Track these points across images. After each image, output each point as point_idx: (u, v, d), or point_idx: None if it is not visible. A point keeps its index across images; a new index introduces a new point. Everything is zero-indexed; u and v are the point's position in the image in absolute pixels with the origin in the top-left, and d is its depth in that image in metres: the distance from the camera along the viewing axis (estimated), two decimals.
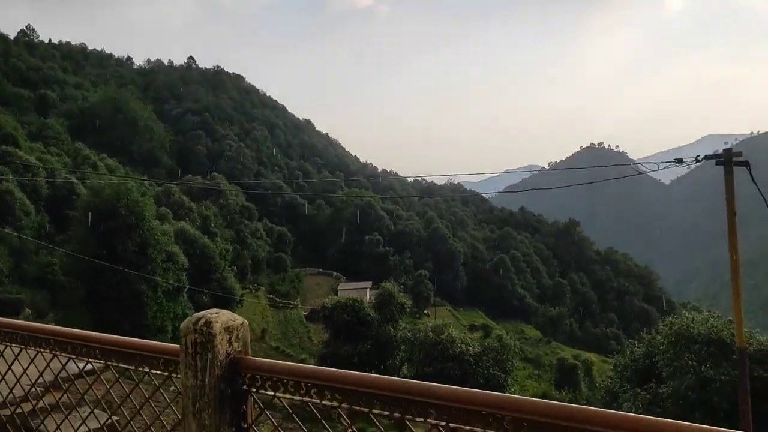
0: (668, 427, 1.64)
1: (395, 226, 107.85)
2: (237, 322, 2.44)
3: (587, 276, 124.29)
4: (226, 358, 2.35)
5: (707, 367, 18.38)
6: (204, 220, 65.10)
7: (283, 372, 2.26)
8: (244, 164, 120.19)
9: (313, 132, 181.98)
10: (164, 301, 41.86)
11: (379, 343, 28.90)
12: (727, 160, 10.62)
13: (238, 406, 2.37)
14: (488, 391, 6.97)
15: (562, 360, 57.58)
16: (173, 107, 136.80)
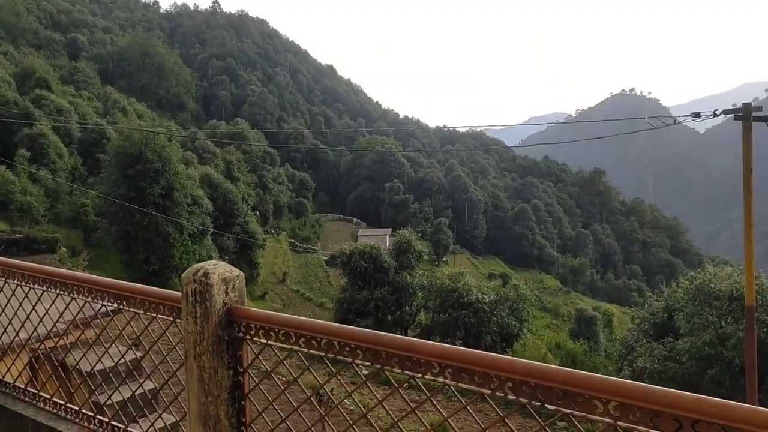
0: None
1: (416, 173, 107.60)
2: (233, 274, 2.61)
3: (611, 227, 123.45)
4: (223, 306, 2.53)
5: (727, 323, 18.39)
6: (227, 165, 65.59)
7: (275, 322, 2.43)
8: (266, 110, 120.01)
9: (335, 78, 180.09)
10: (190, 243, 42.89)
11: (396, 289, 29.35)
12: (746, 115, 10.42)
13: (235, 351, 2.56)
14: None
15: (581, 311, 57.88)
16: (198, 52, 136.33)
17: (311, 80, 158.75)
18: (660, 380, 19.43)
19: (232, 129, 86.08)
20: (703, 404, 1.55)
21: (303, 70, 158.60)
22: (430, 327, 30.07)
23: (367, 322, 29.04)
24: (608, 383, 1.85)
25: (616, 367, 25.26)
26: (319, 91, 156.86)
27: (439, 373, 2.06)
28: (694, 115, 11.33)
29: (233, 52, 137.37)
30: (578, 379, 1.88)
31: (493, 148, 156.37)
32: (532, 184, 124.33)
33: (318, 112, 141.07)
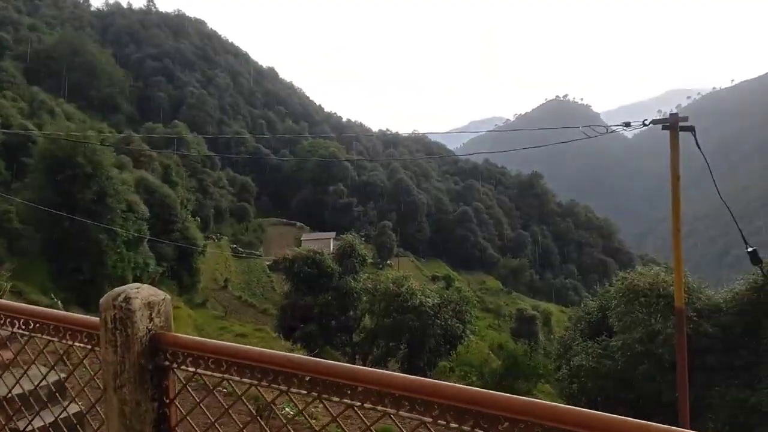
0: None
1: (359, 177, 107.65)
2: (158, 298, 2.42)
3: (548, 228, 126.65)
4: (147, 333, 2.34)
5: (656, 320, 19.08)
6: (165, 169, 63.87)
7: (205, 349, 2.26)
8: (206, 112, 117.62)
9: (276, 80, 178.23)
10: (125, 250, 41.40)
11: (340, 294, 29.17)
12: (672, 125, 10.82)
13: (160, 381, 2.37)
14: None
15: (521, 311, 59.13)
16: (133, 52, 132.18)
17: (252, 82, 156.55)
18: (596, 377, 19.99)
19: (169, 132, 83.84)
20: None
21: (244, 72, 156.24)
22: (374, 331, 30.00)
23: (310, 327, 28.76)
24: (556, 411, 1.78)
25: (555, 366, 25.88)
26: (261, 93, 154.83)
27: (379, 401, 1.95)
28: (625, 124, 11.71)
29: (170, 53, 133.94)
30: (520, 405, 1.81)
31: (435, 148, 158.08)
32: (473, 187, 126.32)
33: (260, 114, 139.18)
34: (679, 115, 11.15)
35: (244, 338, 39.82)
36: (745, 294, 19.03)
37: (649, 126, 12.16)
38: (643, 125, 11.79)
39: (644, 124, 11.75)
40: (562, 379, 22.86)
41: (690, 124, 10.97)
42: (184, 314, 42.79)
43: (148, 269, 44.46)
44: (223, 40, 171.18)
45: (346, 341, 30.67)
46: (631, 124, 11.64)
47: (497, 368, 28.19)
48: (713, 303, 19.65)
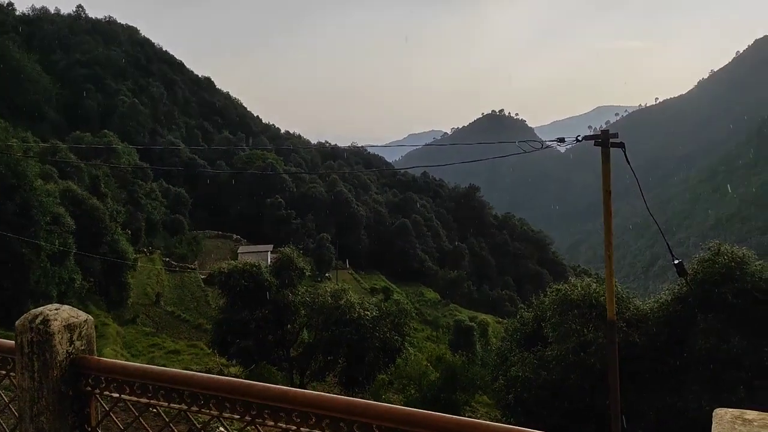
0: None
1: (298, 189, 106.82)
2: (80, 319, 2.28)
3: (485, 240, 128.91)
4: (67, 358, 2.20)
5: (588, 331, 19.63)
6: (93, 180, 61.55)
7: (129, 373, 2.13)
8: (138, 121, 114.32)
9: (213, 90, 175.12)
10: (49, 265, 39.47)
11: (278, 308, 28.67)
12: (604, 142, 11.21)
13: (81, 408, 2.23)
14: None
15: (459, 322, 59.78)
16: (60, 58, 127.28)
17: (188, 92, 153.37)
18: (531, 388, 20.37)
19: (98, 141, 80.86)
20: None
21: (179, 82, 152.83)
22: (312, 345, 29.65)
23: (247, 343, 28.14)
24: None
25: (492, 377, 26.24)
26: (197, 103, 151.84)
27: (316, 425, 1.89)
28: (559, 140, 12.06)
29: (100, 60, 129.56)
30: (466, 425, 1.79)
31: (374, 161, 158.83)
32: (411, 199, 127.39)
33: (195, 125, 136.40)
34: (609, 132, 11.57)
35: (176, 355, 38.70)
36: (670, 304, 19.84)
37: (581, 142, 12.55)
38: (577, 141, 12.15)
39: (577, 139, 12.12)
40: (499, 389, 23.18)
41: (620, 140, 11.40)
42: (112, 331, 41.22)
43: (74, 285, 42.61)
44: (156, 48, 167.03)
45: (284, 356, 30.16)
46: (565, 139, 12.00)
47: (435, 380, 28.35)
48: (641, 313, 20.39)
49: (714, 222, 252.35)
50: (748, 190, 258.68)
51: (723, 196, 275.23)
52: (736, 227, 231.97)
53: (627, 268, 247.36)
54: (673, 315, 19.47)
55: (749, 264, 18.67)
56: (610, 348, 11.64)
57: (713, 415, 1.92)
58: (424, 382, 28.13)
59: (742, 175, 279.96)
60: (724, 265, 18.43)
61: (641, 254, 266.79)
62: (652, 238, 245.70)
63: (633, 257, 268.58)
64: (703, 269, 18.89)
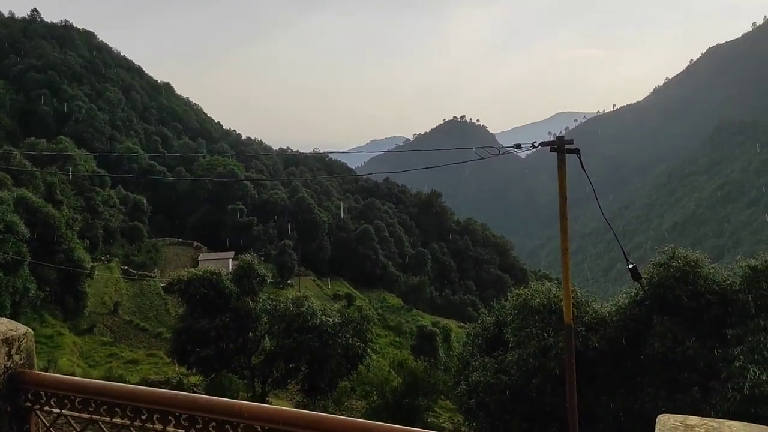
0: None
1: (259, 195, 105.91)
2: (18, 332, 2.20)
3: (447, 245, 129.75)
4: (5, 372, 2.12)
5: (548, 336, 19.86)
6: (49, 187, 59.94)
7: (71, 387, 2.07)
8: (95, 127, 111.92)
9: (172, 96, 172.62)
10: (2, 274, 38.23)
11: (239, 316, 28.30)
12: (559, 148, 11.40)
13: (21, 424, 2.15)
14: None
15: (422, 327, 60.02)
16: (14, 63, 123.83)
17: (146, 97, 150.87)
18: (492, 392, 20.51)
19: (54, 148, 78.85)
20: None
21: (137, 87, 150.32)
22: (274, 353, 29.35)
23: (207, 351, 27.70)
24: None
25: (455, 382, 26.34)
26: (155, 109, 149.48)
27: None
28: (517, 146, 12.19)
29: (56, 65, 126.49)
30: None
31: (336, 167, 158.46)
32: (374, 205, 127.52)
33: (154, 131, 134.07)
34: (565, 138, 11.77)
35: (135, 365, 37.89)
36: (627, 308, 20.21)
37: (538, 148, 12.73)
38: (533, 147, 12.32)
39: (534, 146, 12.29)
40: (462, 394, 23.26)
41: (575, 147, 11.59)
42: (68, 342, 40.15)
43: (28, 294, 41.36)
44: (114, 54, 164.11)
45: (245, 364, 29.78)
46: (522, 145, 12.15)
47: (398, 386, 28.34)
48: (599, 317, 20.70)
49: (670, 226, 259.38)
50: (702, 194, 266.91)
51: (678, 201, 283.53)
52: (691, 231, 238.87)
53: (586, 272, 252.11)
54: (631, 318, 19.82)
55: (702, 267, 19.11)
56: (567, 353, 11.82)
57: (656, 421, 1.95)
58: (386, 388, 28.09)
59: (696, 180, 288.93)
60: (678, 269, 18.83)
61: (600, 258, 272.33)
62: (611, 242, 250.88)
63: (592, 261, 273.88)
64: (658, 273, 19.26)
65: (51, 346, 38.14)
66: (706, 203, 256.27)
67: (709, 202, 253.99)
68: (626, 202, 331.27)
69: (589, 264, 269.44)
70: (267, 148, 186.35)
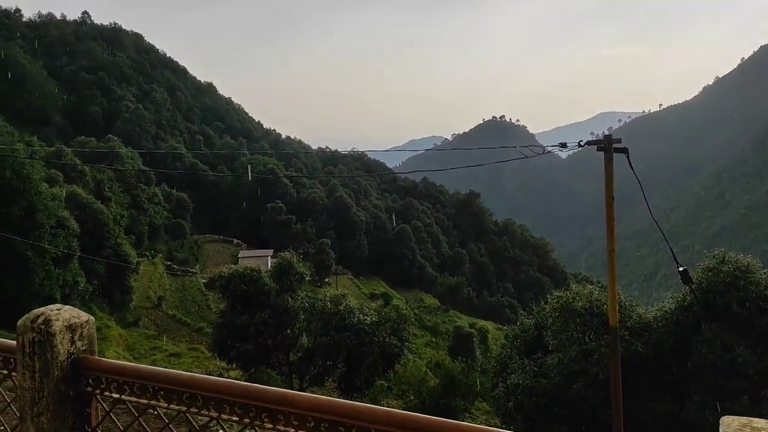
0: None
1: (298, 194, 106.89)
2: (81, 320, 2.29)
3: (485, 246, 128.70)
4: (68, 358, 2.20)
5: (590, 339, 19.54)
6: (98, 184, 61.68)
7: (129, 373, 2.14)
8: (142, 127, 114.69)
9: (215, 96, 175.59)
10: (53, 268, 39.57)
11: (277, 312, 28.67)
12: (607, 147, 11.19)
13: (82, 408, 2.23)
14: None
15: (459, 328, 59.70)
16: (66, 64, 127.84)
17: (190, 98, 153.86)
18: (531, 395, 20.30)
19: (103, 146, 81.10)
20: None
21: (181, 87, 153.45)
22: (312, 350, 29.64)
23: (246, 347, 28.14)
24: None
25: (492, 384, 26.15)
26: (199, 109, 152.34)
27: (314, 429, 1.89)
28: (561, 145, 12.02)
29: (105, 66, 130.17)
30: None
31: (374, 166, 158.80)
32: (412, 205, 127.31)
33: (197, 130, 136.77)
34: (612, 137, 11.55)
35: (177, 358, 38.71)
36: (673, 313, 19.71)
37: (583, 147, 12.51)
38: (579, 146, 12.11)
39: (579, 145, 12.08)
40: (499, 396, 23.09)
41: (623, 146, 11.37)
42: (115, 334, 41.27)
43: (77, 287, 42.66)
44: (160, 55, 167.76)
45: (283, 360, 30.14)
46: (567, 144, 11.97)
47: (435, 386, 28.29)
48: (644, 321, 20.26)
49: (719, 229, 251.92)
50: (753, 197, 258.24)
51: (728, 204, 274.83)
52: (740, 235, 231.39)
53: (629, 275, 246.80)
54: (677, 324, 19.35)
55: (754, 272, 18.55)
56: (612, 356, 11.60)
57: (720, 422, 1.90)
58: (423, 388, 28.07)
59: (747, 183, 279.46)
60: (728, 274, 18.31)
61: (644, 261, 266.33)
62: (656, 245, 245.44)
63: (635, 264, 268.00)
64: (707, 277, 18.76)
65: (98, 337, 38.94)
66: (757, 206, 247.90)
67: (761, 206, 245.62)
68: (672, 203, 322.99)
69: (633, 267, 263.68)
70: (306, 147, 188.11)
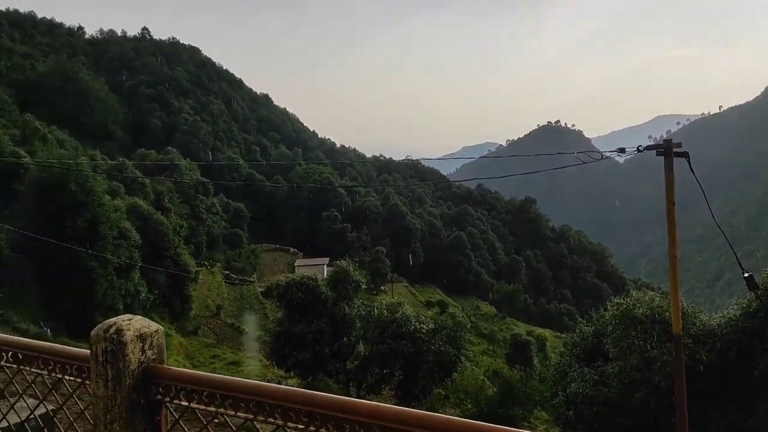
0: None
1: (353, 202, 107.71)
2: (151, 329, 2.35)
3: (542, 253, 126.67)
4: (139, 366, 2.27)
5: (651, 347, 18.92)
6: (158, 195, 63.72)
7: (198, 382, 2.19)
8: (199, 138, 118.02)
9: (271, 107, 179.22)
10: (115, 278, 40.92)
11: (334, 321, 28.89)
12: (667, 151, 10.86)
13: (152, 416, 2.29)
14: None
15: (516, 336, 58.83)
16: (126, 79, 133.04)
17: (246, 109, 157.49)
18: (592, 405, 19.80)
19: (162, 158, 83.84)
20: None
21: (238, 99, 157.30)
22: (368, 358, 29.70)
23: (304, 355, 28.44)
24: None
25: (551, 392, 25.63)
26: (255, 120, 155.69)
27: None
28: (620, 150, 11.73)
29: (164, 80, 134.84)
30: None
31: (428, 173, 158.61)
32: (466, 212, 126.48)
33: (253, 141, 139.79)
34: (672, 141, 11.19)
35: (236, 366, 39.44)
36: (739, 319, 18.94)
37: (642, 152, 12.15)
38: (638, 151, 11.78)
39: (639, 150, 11.76)
40: (559, 405, 22.63)
41: (684, 150, 11.01)
42: (175, 342, 42.39)
43: (139, 297, 44.03)
44: (217, 67, 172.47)
45: (340, 369, 30.34)
46: (625, 149, 11.67)
47: (493, 395, 27.94)
48: (708, 329, 19.54)
49: None
50: None
51: None
52: None
53: (691, 281, 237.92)
54: (743, 331, 18.57)
55: None
56: (676, 364, 11.20)
57: None
58: (481, 397, 27.75)
59: None
60: None
61: (706, 267, 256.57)
62: (718, 250, 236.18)
63: (697, 270, 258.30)
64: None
65: None
66: None
67: None
68: (733, 207, 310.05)
69: (695, 273, 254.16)
70: (360, 155, 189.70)
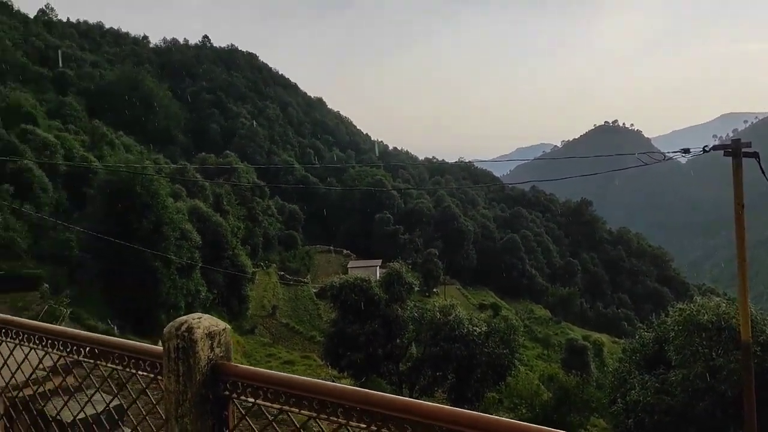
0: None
1: (405, 205, 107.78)
2: (219, 328, 2.45)
3: (599, 256, 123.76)
4: (208, 363, 2.37)
5: (717, 355, 18.22)
6: (217, 197, 65.34)
7: (263, 379, 2.27)
8: (256, 142, 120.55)
9: (324, 110, 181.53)
10: (177, 277, 42.16)
11: (387, 322, 28.99)
12: (735, 152, 10.40)
13: (220, 411, 2.39)
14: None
15: (572, 340, 57.59)
16: (188, 86, 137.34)
17: (301, 113, 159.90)
18: (653, 413, 19.21)
19: (221, 162, 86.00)
20: None
21: (293, 103, 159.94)
22: (421, 360, 29.68)
23: (357, 355, 28.64)
24: None
25: (609, 399, 25.01)
26: (309, 123, 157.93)
27: None
28: (684, 150, 11.32)
29: (223, 86, 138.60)
30: None
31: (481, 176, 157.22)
32: (520, 214, 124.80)
33: (308, 144, 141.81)
34: (740, 141, 10.73)
35: (291, 365, 40.01)
36: None
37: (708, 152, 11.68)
38: (703, 151, 11.31)
39: (704, 150, 11.30)
40: (618, 413, 22.06)
41: (753, 150, 10.51)
42: (233, 341, 43.25)
43: (199, 296, 45.19)
44: (273, 72, 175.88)
45: (393, 370, 30.41)
46: (690, 150, 11.26)
47: (548, 400, 27.46)
48: None
49: None
50: None
51: None
52: None
53: (760, 286, 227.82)
54: None
55: None
56: (745, 373, 10.76)
57: None
58: (536, 402, 27.31)
59: None
60: None
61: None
62: None
63: (766, 275, 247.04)
64: None
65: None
66: None
67: None
68: None
69: (764, 277, 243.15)
70: (413, 158, 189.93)
